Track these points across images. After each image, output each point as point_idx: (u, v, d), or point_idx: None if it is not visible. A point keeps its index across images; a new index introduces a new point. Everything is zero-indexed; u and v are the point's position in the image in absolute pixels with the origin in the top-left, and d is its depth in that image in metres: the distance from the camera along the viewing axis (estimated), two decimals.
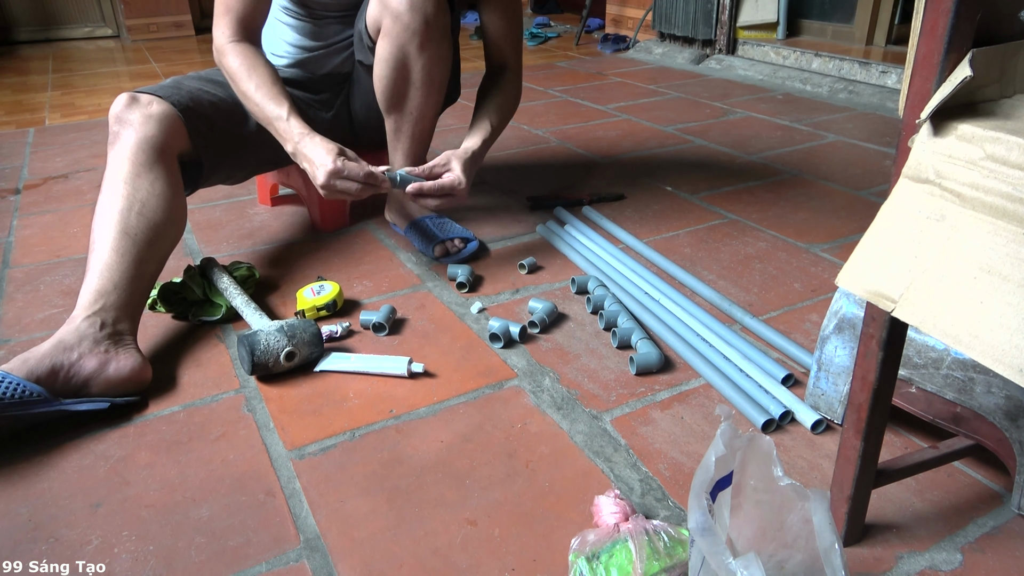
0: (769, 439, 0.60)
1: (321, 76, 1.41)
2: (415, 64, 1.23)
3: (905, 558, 0.74)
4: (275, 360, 1.01)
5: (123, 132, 1.11)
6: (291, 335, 1.03)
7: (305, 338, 1.04)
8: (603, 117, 2.36)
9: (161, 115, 1.13)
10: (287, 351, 1.02)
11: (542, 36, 3.90)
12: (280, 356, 1.01)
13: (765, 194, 1.68)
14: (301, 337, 1.03)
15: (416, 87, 1.27)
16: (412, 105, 1.30)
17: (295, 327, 1.04)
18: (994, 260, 0.49)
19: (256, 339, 1.01)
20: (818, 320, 1.15)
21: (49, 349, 0.93)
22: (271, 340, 1.02)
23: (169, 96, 1.16)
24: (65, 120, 2.47)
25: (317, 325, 1.07)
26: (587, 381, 1.02)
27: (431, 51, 1.22)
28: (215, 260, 1.24)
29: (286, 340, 1.02)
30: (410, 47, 1.20)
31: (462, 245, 1.38)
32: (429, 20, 1.18)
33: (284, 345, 1.02)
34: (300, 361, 1.04)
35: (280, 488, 0.84)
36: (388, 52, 1.22)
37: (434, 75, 1.26)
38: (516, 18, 1.43)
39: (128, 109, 1.12)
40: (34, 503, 0.83)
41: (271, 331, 1.03)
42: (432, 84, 1.27)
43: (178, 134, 1.15)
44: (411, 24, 1.17)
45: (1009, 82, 0.55)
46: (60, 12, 4.19)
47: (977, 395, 0.77)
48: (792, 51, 2.90)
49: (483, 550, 0.75)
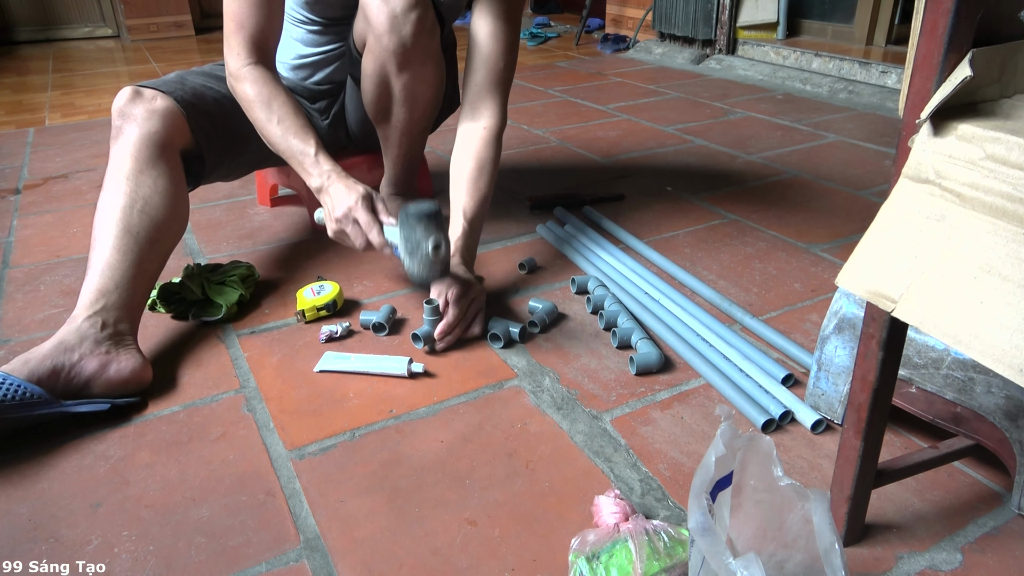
0: (769, 439, 0.60)
1: (317, 84, 1.40)
2: (396, 82, 1.20)
3: (905, 558, 0.74)
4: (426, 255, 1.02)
5: (126, 127, 1.10)
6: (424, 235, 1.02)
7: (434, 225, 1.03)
8: (603, 117, 2.36)
9: (165, 110, 1.12)
10: (433, 241, 1.02)
11: (542, 36, 3.90)
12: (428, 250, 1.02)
13: (765, 194, 1.68)
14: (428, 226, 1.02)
15: (399, 104, 1.24)
16: (397, 120, 1.28)
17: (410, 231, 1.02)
18: (994, 260, 0.49)
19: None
20: (818, 320, 1.15)
21: (50, 350, 0.93)
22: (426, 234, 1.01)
23: (173, 91, 1.15)
24: (65, 120, 2.47)
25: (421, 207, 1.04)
26: (587, 381, 1.02)
27: (412, 71, 1.19)
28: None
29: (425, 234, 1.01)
30: (390, 66, 1.17)
31: None
32: (407, 42, 1.13)
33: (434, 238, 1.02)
34: (445, 253, 1.04)
35: (280, 488, 0.84)
36: (371, 69, 1.20)
37: (416, 94, 1.23)
38: (510, 32, 1.24)
39: (132, 103, 1.11)
40: (34, 503, 0.83)
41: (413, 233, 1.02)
42: (415, 102, 1.25)
43: (181, 130, 1.15)
44: (389, 45, 1.14)
45: (1009, 82, 0.55)
46: (60, 12, 4.20)
47: (977, 395, 0.77)
48: (792, 51, 2.90)
49: (483, 550, 0.75)
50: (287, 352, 1.10)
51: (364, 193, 1.08)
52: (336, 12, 1.30)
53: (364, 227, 1.07)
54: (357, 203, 1.07)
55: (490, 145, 1.23)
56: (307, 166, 1.11)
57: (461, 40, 1.39)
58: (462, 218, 1.19)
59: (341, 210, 1.07)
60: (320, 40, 1.35)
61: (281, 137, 1.12)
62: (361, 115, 1.41)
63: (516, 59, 1.27)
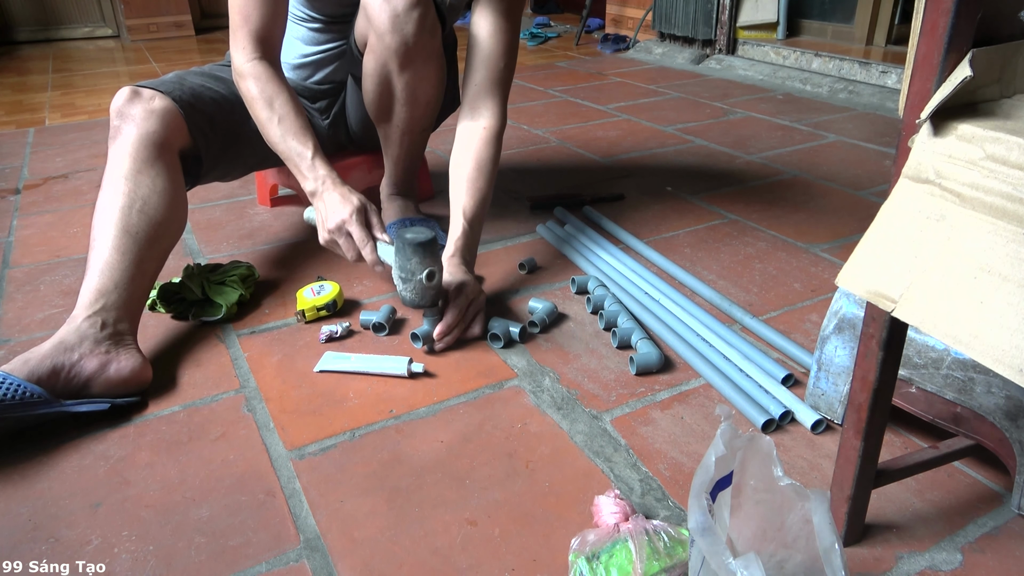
0: (769, 439, 0.60)
1: (318, 83, 1.40)
2: (398, 82, 1.21)
3: (905, 558, 0.74)
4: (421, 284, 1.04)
5: (124, 127, 1.10)
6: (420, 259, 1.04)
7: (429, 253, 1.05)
8: (603, 117, 2.36)
9: (163, 110, 1.12)
10: (427, 272, 1.03)
11: (542, 36, 3.90)
12: (422, 277, 1.04)
13: (765, 194, 1.68)
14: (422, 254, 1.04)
15: (400, 103, 1.25)
16: (398, 119, 1.28)
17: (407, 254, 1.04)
18: (994, 260, 0.49)
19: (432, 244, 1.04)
20: (818, 320, 1.15)
21: (50, 350, 0.93)
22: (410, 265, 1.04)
23: (171, 91, 1.15)
24: (65, 120, 2.47)
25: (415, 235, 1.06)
26: (587, 381, 1.02)
27: (413, 70, 1.19)
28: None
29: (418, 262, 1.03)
30: (392, 65, 1.18)
31: None
32: (408, 41, 1.14)
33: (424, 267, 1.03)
34: (438, 280, 1.06)
35: (280, 488, 0.84)
36: (372, 68, 1.21)
37: (418, 93, 1.24)
38: (510, 32, 1.23)
39: (130, 103, 1.11)
40: (34, 503, 0.83)
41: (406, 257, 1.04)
42: (416, 102, 1.25)
43: (179, 130, 1.15)
44: (391, 44, 1.15)
45: (1009, 82, 0.55)
46: (60, 12, 4.20)
47: (977, 395, 0.77)
48: (792, 51, 2.90)
49: (483, 550, 0.75)
50: (287, 352, 1.10)
51: (359, 205, 1.09)
52: (337, 9, 1.30)
53: (357, 242, 1.08)
54: (352, 216, 1.08)
55: (490, 145, 1.23)
56: (303, 169, 1.12)
57: (461, 40, 1.39)
58: (462, 218, 1.19)
59: (335, 221, 1.08)
60: (321, 38, 1.35)
61: (280, 138, 1.13)
62: (362, 114, 1.41)
63: (516, 59, 1.27)
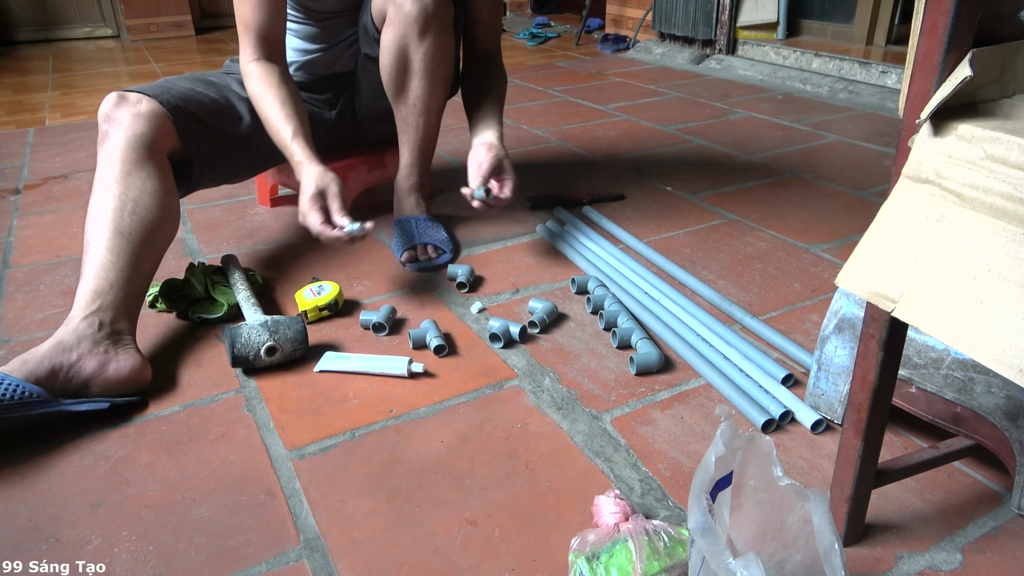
0: (769, 439, 0.60)
1: (325, 76, 1.41)
2: (415, 53, 1.24)
3: (905, 558, 0.74)
4: (255, 354, 1.02)
5: (112, 131, 1.11)
6: (274, 331, 1.03)
7: (288, 335, 1.04)
8: (603, 117, 2.36)
9: (150, 113, 1.13)
10: (268, 346, 1.02)
11: (542, 36, 3.90)
12: (261, 351, 1.02)
13: (765, 194, 1.68)
14: (284, 333, 1.04)
15: (418, 77, 1.28)
16: (414, 96, 1.30)
17: (279, 323, 1.05)
18: (994, 260, 0.49)
19: (238, 332, 1.03)
20: (818, 320, 1.15)
21: (48, 350, 0.93)
22: (252, 334, 1.03)
23: (158, 95, 1.16)
24: (65, 120, 2.47)
25: (303, 323, 1.07)
26: (587, 381, 1.02)
27: (431, 40, 1.23)
28: (235, 258, 1.26)
29: (267, 335, 1.03)
30: (411, 35, 1.22)
31: (435, 254, 1.36)
32: (429, 9, 1.20)
33: (265, 340, 1.02)
34: (282, 358, 1.04)
35: (280, 488, 0.84)
36: (391, 40, 1.24)
37: (436, 66, 1.27)
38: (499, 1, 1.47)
39: (117, 108, 1.12)
40: (34, 503, 0.83)
41: (255, 325, 1.04)
42: (434, 77, 1.28)
43: (167, 133, 1.15)
44: (412, 12, 1.19)
45: (1009, 82, 0.55)
46: (60, 12, 4.20)
47: (977, 395, 0.77)
48: (792, 51, 2.90)
49: (483, 550, 0.75)
50: None
51: (314, 192, 1.13)
52: (331, 5, 1.33)
53: (314, 233, 1.13)
54: (309, 202, 1.13)
55: (502, 71, 1.47)
56: (288, 154, 1.20)
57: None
58: (497, 118, 1.38)
59: (301, 201, 1.14)
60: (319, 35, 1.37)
61: (273, 128, 1.21)
62: (371, 101, 1.43)
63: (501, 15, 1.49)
